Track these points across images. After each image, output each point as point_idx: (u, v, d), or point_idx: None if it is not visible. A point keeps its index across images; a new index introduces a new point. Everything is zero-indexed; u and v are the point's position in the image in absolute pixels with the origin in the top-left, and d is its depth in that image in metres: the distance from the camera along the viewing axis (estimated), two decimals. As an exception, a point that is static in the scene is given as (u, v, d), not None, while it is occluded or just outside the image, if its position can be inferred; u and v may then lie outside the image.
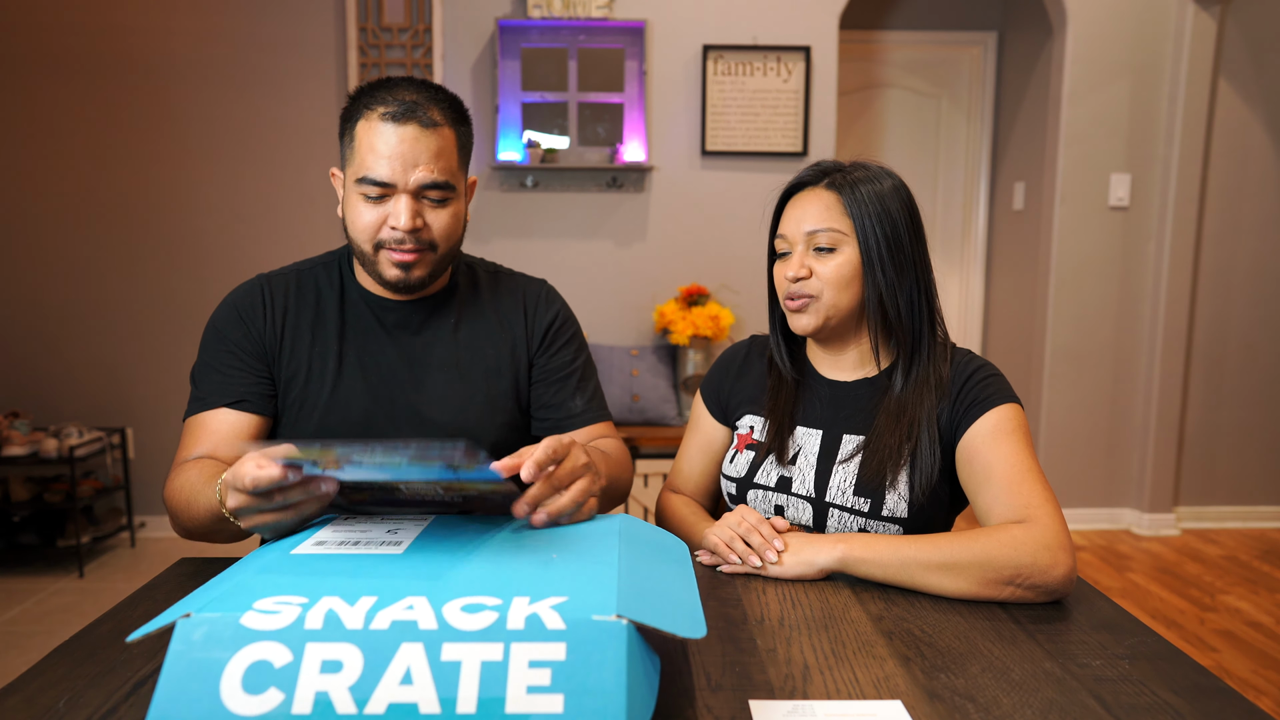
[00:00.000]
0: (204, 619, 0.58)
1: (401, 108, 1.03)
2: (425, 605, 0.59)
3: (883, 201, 1.08)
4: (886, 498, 1.06)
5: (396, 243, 1.06)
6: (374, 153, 1.03)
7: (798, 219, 1.10)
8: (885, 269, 1.07)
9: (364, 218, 1.06)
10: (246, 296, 1.15)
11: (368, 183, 1.04)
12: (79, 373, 3.31)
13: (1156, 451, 3.39)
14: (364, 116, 1.05)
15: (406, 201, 1.04)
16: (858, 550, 0.94)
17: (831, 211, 1.08)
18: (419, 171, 1.04)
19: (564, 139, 3.28)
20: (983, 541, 0.92)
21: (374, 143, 1.03)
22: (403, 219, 1.04)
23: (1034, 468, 1.00)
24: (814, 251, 1.09)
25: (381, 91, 1.05)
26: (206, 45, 3.20)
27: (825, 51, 3.25)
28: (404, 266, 1.07)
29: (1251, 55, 3.34)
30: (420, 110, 1.04)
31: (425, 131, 1.04)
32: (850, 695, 0.71)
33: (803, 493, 1.10)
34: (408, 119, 1.03)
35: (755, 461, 1.15)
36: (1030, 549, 0.90)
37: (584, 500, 0.85)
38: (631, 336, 3.37)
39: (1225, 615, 2.65)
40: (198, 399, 1.11)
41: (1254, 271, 3.44)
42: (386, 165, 1.03)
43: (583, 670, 0.56)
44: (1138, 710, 0.69)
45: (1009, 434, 1.02)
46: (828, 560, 0.95)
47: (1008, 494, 0.98)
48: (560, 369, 1.22)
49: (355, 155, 1.05)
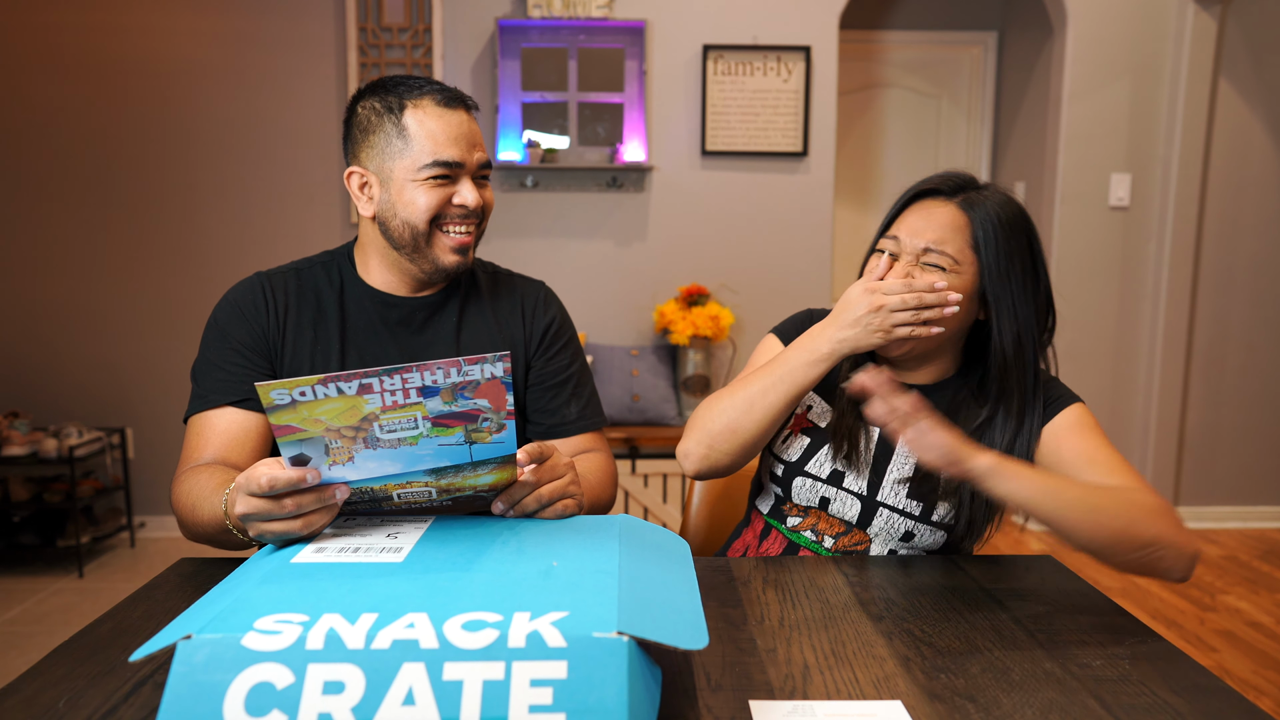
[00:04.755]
0: (205, 641, 0.58)
1: (449, 95, 1.09)
2: (426, 623, 0.59)
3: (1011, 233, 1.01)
4: (939, 505, 1.04)
5: (461, 219, 1.11)
6: (437, 138, 1.07)
7: (918, 227, 1.02)
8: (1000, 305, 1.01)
9: (426, 199, 1.08)
10: (247, 293, 1.14)
11: (439, 165, 1.07)
12: (79, 373, 3.31)
13: (1157, 451, 3.39)
14: (412, 105, 1.08)
15: (470, 182, 1.10)
16: (1008, 466, 0.89)
17: (954, 234, 1.01)
18: (478, 152, 1.11)
19: (564, 139, 3.28)
20: (1127, 498, 0.91)
21: (435, 129, 1.07)
22: (472, 197, 1.10)
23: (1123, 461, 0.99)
24: (921, 266, 1.01)
25: (415, 82, 1.10)
26: (206, 45, 3.20)
27: (825, 51, 3.25)
28: (463, 250, 1.12)
29: (1252, 55, 3.34)
30: (460, 97, 1.11)
31: (469, 116, 1.11)
32: (850, 695, 0.71)
33: (854, 489, 1.09)
34: (458, 104, 1.10)
35: (811, 448, 1.12)
36: (1171, 521, 0.91)
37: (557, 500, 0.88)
38: (631, 336, 3.37)
39: (1225, 615, 2.65)
40: (200, 397, 1.10)
41: (1254, 271, 3.44)
42: (455, 146, 1.08)
43: (584, 688, 0.56)
44: (1138, 710, 0.69)
45: (1091, 427, 1.02)
46: (975, 465, 0.87)
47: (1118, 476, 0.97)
48: (556, 374, 1.22)
49: (413, 144, 1.08)
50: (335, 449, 0.74)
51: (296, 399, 0.70)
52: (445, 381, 0.72)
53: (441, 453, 0.76)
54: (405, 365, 0.70)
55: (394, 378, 0.70)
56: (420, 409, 0.73)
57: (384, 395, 0.71)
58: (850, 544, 1.10)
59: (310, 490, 0.75)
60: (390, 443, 0.74)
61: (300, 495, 0.75)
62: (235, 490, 0.78)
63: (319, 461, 0.74)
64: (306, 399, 0.70)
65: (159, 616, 0.86)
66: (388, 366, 0.71)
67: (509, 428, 0.76)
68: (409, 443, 0.74)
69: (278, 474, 0.73)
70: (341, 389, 0.70)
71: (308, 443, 0.73)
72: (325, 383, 0.69)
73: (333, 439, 0.73)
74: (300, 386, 0.69)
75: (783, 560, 1.04)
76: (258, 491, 0.74)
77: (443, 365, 0.71)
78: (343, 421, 0.72)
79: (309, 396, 0.70)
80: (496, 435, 0.76)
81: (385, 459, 0.75)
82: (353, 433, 0.73)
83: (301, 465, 0.74)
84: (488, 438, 0.76)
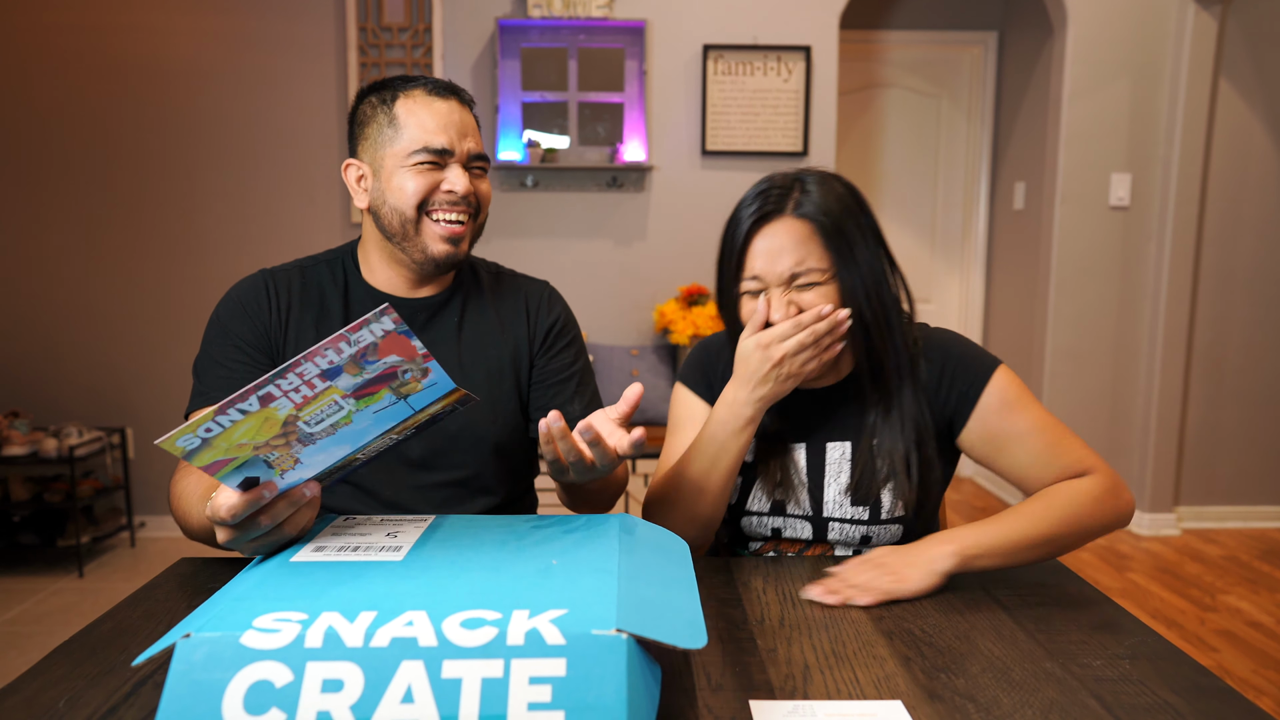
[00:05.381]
0: (204, 639, 0.58)
1: (442, 85, 1.11)
2: (425, 621, 0.59)
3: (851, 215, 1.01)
4: (884, 501, 1.05)
5: (451, 205, 1.10)
6: (426, 125, 1.08)
7: (772, 257, 0.99)
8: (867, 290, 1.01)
9: (413, 183, 1.08)
10: (250, 290, 1.14)
11: (426, 151, 1.07)
12: (79, 372, 3.31)
13: (1157, 451, 3.39)
14: (404, 96, 1.09)
15: (460, 169, 1.10)
16: (971, 547, 0.94)
17: (810, 245, 0.99)
18: (468, 141, 1.11)
19: (564, 139, 3.28)
20: (1071, 507, 0.98)
21: (424, 117, 1.08)
22: (460, 184, 1.09)
23: (1056, 422, 1.03)
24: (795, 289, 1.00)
25: (409, 78, 1.11)
26: (206, 45, 3.20)
27: (825, 51, 3.25)
28: (454, 240, 1.11)
29: (1252, 55, 3.34)
30: (455, 90, 1.12)
31: (463, 107, 1.12)
32: (851, 695, 0.71)
33: (799, 513, 1.09)
34: (450, 94, 1.11)
35: (744, 487, 1.11)
36: (1111, 501, 0.99)
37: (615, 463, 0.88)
38: (631, 336, 3.37)
39: (1225, 615, 2.65)
40: (201, 393, 1.10)
41: (1255, 271, 3.44)
42: (444, 134, 1.08)
43: (583, 686, 0.56)
44: (1138, 710, 0.69)
45: (1016, 400, 1.04)
46: (948, 564, 0.93)
47: (1051, 456, 1.02)
48: (559, 372, 1.22)
49: (402, 132, 1.08)
50: (276, 459, 0.71)
51: (205, 437, 0.65)
52: (340, 359, 0.67)
53: (381, 417, 0.74)
54: (293, 360, 0.66)
55: (288, 376, 0.66)
56: (334, 391, 0.69)
57: (288, 396, 0.67)
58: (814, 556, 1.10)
59: (278, 499, 0.74)
60: (325, 431, 0.71)
61: (272, 507, 0.73)
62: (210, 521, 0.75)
63: (267, 477, 0.72)
64: (215, 433, 0.65)
65: (159, 616, 0.86)
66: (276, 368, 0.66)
67: (433, 369, 0.72)
68: (344, 424, 0.71)
69: (234, 502, 0.71)
70: (244, 409, 0.65)
71: (245, 466, 0.70)
72: (223, 410, 0.65)
73: (267, 453, 0.70)
74: (202, 425, 0.64)
75: (783, 560, 1.04)
76: (224, 522, 0.72)
77: (330, 344, 0.66)
78: (266, 436, 0.68)
79: (216, 430, 0.65)
80: (426, 380, 0.72)
81: (330, 445, 0.73)
82: (282, 440, 0.69)
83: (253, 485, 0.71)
84: (418, 386, 0.72)
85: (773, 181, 1.03)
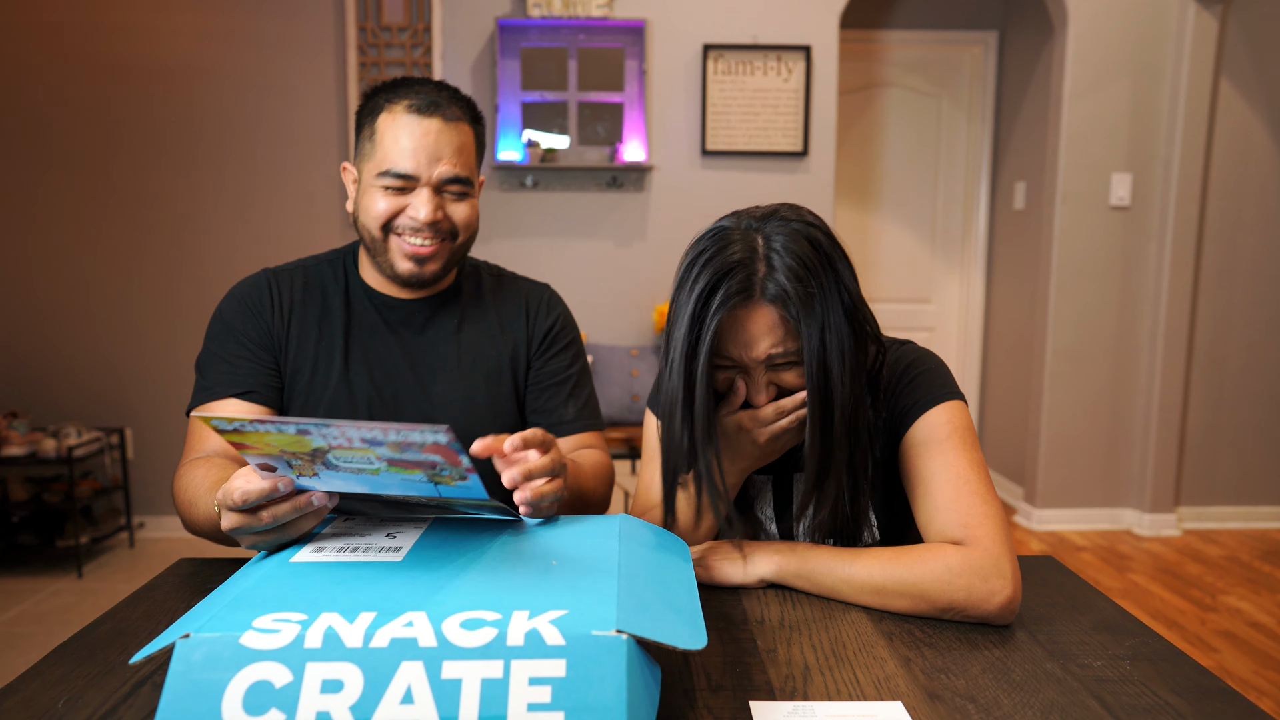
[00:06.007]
0: (203, 639, 0.58)
1: (425, 101, 1.06)
2: (424, 621, 0.59)
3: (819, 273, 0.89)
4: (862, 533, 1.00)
5: (414, 232, 1.07)
6: (398, 145, 1.05)
7: (747, 343, 0.90)
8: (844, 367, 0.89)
9: (379, 205, 1.07)
10: (254, 289, 1.14)
11: (391, 175, 1.05)
12: (78, 373, 3.31)
13: (1157, 452, 3.39)
14: (386, 109, 1.07)
15: (428, 195, 1.06)
16: (793, 565, 0.92)
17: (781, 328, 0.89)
18: (442, 165, 1.06)
19: (564, 138, 3.28)
20: (918, 569, 0.86)
21: (398, 135, 1.05)
22: (423, 211, 1.06)
23: (973, 477, 0.91)
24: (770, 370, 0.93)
25: (402, 88, 1.08)
26: (206, 45, 3.19)
27: (825, 51, 3.25)
28: (419, 260, 1.09)
29: (1253, 55, 3.34)
30: (443, 105, 1.07)
31: (448, 125, 1.07)
32: (851, 696, 0.71)
33: None
34: (432, 112, 1.06)
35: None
36: (966, 580, 0.84)
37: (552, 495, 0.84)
38: (631, 336, 3.36)
39: (1226, 616, 2.65)
40: (204, 389, 1.10)
41: (1255, 271, 3.44)
42: (411, 158, 1.05)
43: (583, 687, 0.56)
44: (1138, 711, 0.69)
45: (944, 440, 0.93)
46: (765, 571, 0.93)
47: (945, 510, 0.90)
48: (555, 374, 1.22)
49: (378, 148, 1.07)
50: (297, 465, 0.71)
51: (240, 429, 0.67)
52: (384, 438, 0.65)
53: (406, 486, 0.73)
54: (339, 421, 0.65)
55: (330, 428, 0.65)
56: (370, 452, 0.68)
57: (326, 438, 0.66)
58: None
59: (285, 499, 0.73)
60: (350, 470, 0.71)
61: (275, 506, 0.73)
62: (219, 506, 0.76)
63: (284, 472, 0.72)
64: (248, 431, 0.67)
65: (158, 617, 0.86)
66: (323, 420, 0.66)
67: (472, 479, 0.71)
68: (370, 473, 0.71)
69: (250, 487, 0.71)
70: (281, 429, 0.66)
71: (269, 458, 0.71)
72: (261, 422, 0.65)
73: (291, 459, 0.70)
74: (237, 421, 0.66)
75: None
76: (234, 506, 0.72)
77: (379, 426, 0.64)
78: (295, 449, 0.69)
79: (249, 429, 0.66)
80: (461, 483, 0.72)
81: (350, 480, 0.73)
82: (308, 458, 0.70)
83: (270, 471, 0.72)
84: (452, 483, 0.72)
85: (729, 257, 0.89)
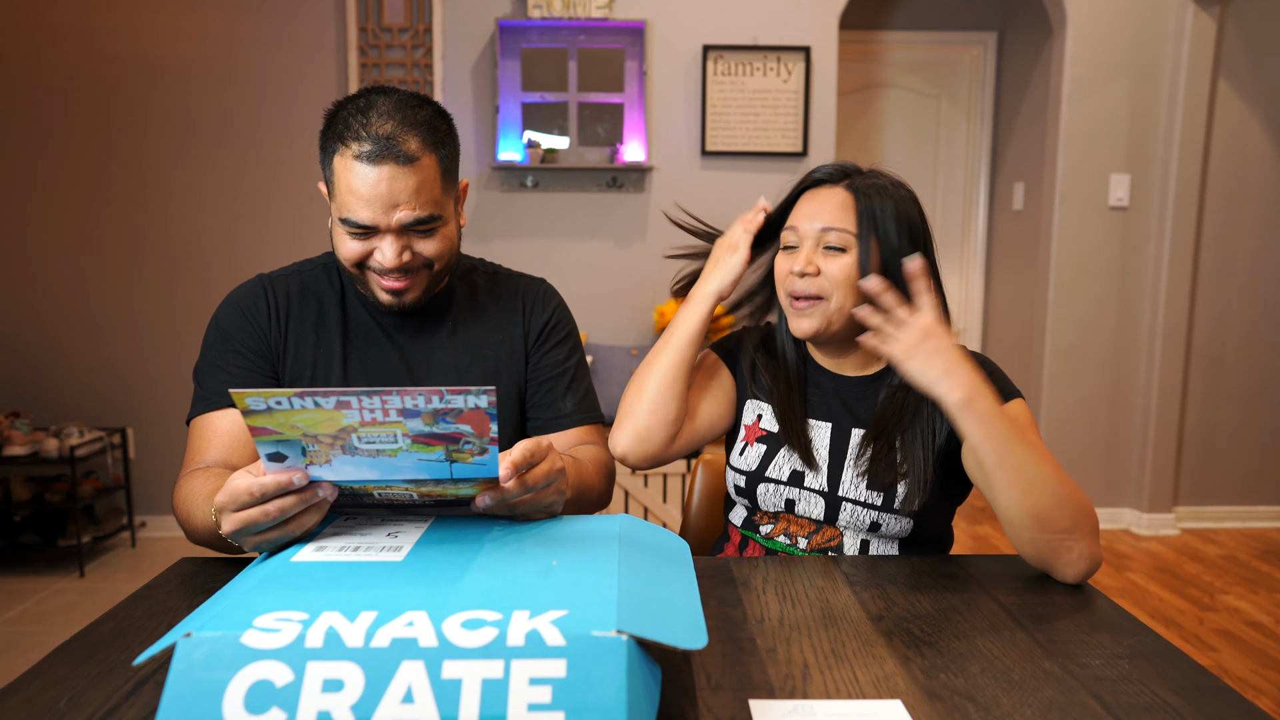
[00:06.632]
0: (204, 639, 0.58)
1: (375, 146, 0.98)
2: (425, 621, 0.59)
3: (899, 206, 1.07)
4: (898, 491, 1.07)
5: (383, 273, 1.05)
6: (353, 194, 0.99)
7: (812, 214, 1.09)
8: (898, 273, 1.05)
9: (348, 247, 1.05)
10: (250, 296, 1.14)
11: (349, 224, 1.02)
12: (80, 373, 3.31)
13: (1156, 451, 3.39)
14: (339, 152, 1.00)
15: (391, 240, 1.02)
16: (983, 400, 0.94)
17: (848, 212, 1.07)
18: (400, 212, 1.00)
19: (564, 139, 3.28)
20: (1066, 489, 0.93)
21: (351, 183, 0.99)
22: (389, 256, 1.02)
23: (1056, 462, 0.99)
24: (823, 250, 1.08)
25: (355, 123, 0.99)
26: (206, 45, 3.20)
27: (825, 51, 3.25)
28: (396, 294, 1.08)
29: (1251, 56, 3.34)
30: (395, 145, 0.98)
31: (402, 170, 0.99)
32: (850, 695, 0.71)
33: (816, 487, 1.11)
34: (382, 158, 0.98)
35: (768, 455, 1.15)
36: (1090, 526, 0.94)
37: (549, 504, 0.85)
38: (631, 336, 3.37)
39: (1224, 615, 2.65)
40: (202, 398, 1.10)
41: (1254, 271, 3.44)
42: (367, 209, 1.00)
43: (583, 687, 0.56)
44: (1137, 710, 0.69)
45: (1029, 426, 1.03)
46: (966, 381, 0.94)
47: None
48: (552, 368, 1.22)
49: (335, 192, 1.03)
50: (312, 451, 0.72)
51: (273, 407, 0.68)
52: (426, 406, 0.69)
53: (421, 466, 0.75)
54: (386, 389, 0.68)
55: (373, 399, 0.68)
56: (400, 426, 0.71)
57: (362, 412, 0.69)
58: (823, 541, 1.12)
59: (293, 493, 0.74)
60: (369, 452, 0.73)
61: (282, 499, 0.74)
62: (219, 512, 0.76)
63: (295, 461, 0.73)
64: (283, 408, 0.68)
65: (160, 616, 0.86)
66: (368, 389, 0.69)
67: (491, 452, 0.74)
68: (388, 454, 0.73)
69: (264, 480, 0.72)
70: (319, 403, 0.68)
71: (284, 443, 0.72)
72: (302, 396, 0.68)
73: (309, 443, 0.72)
74: (276, 397, 0.68)
75: (782, 560, 1.05)
76: (246, 502, 0.73)
77: (424, 392, 0.68)
78: (320, 430, 0.70)
79: (285, 406, 0.68)
80: (478, 457, 0.74)
81: (363, 466, 0.74)
82: (330, 439, 0.71)
83: (279, 462, 0.73)
84: (469, 458, 0.74)
85: (842, 164, 1.13)
